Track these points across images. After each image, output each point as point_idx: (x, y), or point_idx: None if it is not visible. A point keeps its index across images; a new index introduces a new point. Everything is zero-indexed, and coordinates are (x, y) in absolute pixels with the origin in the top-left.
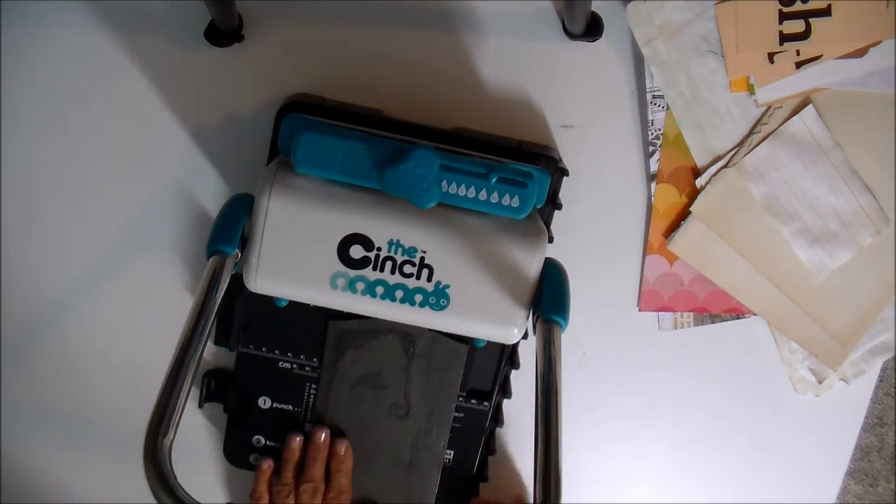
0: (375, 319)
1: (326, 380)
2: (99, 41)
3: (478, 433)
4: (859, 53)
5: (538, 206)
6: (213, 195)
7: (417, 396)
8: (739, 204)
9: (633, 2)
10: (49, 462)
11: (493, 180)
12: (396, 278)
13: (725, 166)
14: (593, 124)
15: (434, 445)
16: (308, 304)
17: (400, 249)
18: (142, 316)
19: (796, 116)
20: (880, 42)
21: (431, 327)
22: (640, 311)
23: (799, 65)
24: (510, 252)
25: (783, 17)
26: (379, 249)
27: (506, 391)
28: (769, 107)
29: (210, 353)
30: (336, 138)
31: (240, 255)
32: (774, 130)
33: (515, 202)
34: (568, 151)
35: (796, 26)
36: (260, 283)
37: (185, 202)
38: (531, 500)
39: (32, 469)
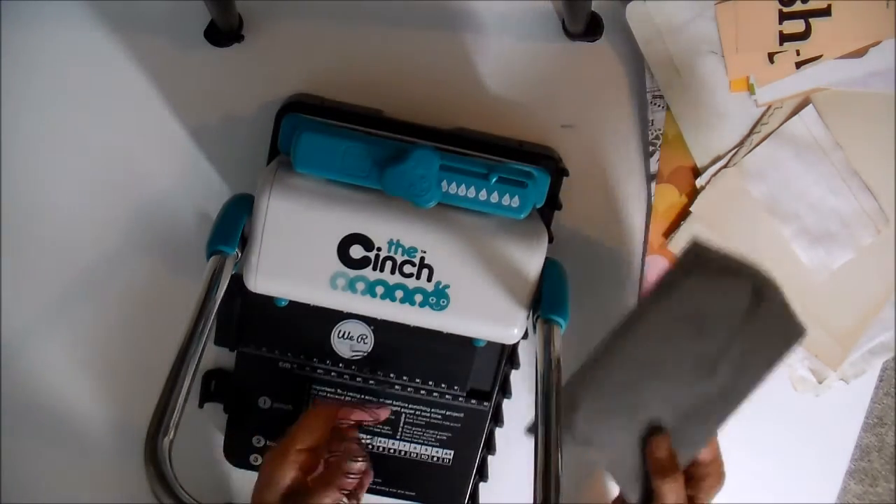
0: (738, 258)
1: (656, 298)
2: (99, 41)
3: (478, 433)
4: (859, 53)
5: (538, 206)
6: (213, 195)
7: (729, 364)
8: (739, 204)
9: (633, 2)
10: (49, 462)
11: (493, 180)
12: (396, 278)
13: (725, 166)
14: (593, 124)
15: (715, 417)
16: (308, 304)
17: (400, 249)
18: (142, 316)
19: (796, 116)
20: (880, 42)
21: (431, 327)
22: None
23: (799, 65)
24: (510, 252)
25: (783, 17)
26: (379, 249)
27: (506, 391)
28: (769, 107)
29: (210, 353)
30: (336, 138)
31: (240, 255)
32: (774, 130)
33: (515, 202)
34: (568, 151)
35: (796, 26)
36: (260, 283)
37: (185, 202)
38: None
39: (32, 469)
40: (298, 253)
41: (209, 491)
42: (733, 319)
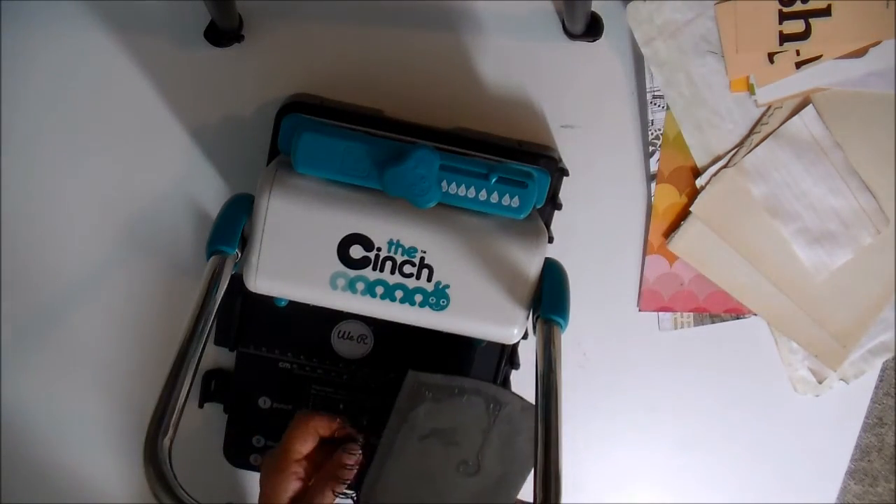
0: (460, 378)
1: (394, 426)
2: (99, 41)
3: None
4: (859, 53)
5: (538, 206)
6: (213, 195)
7: (493, 458)
8: (739, 204)
9: (633, 2)
10: (49, 462)
11: (493, 180)
12: (396, 278)
13: (725, 166)
14: (593, 124)
15: (501, 500)
16: (308, 304)
17: (400, 249)
18: (142, 316)
19: (796, 116)
20: (880, 42)
21: (431, 327)
22: (640, 311)
23: (799, 65)
24: (510, 252)
25: (783, 17)
26: (379, 249)
27: None
28: (769, 107)
29: (210, 353)
30: (336, 138)
31: (240, 255)
32: (774, 130)
33: (515, 202)
34: (568, 151)
35: (796, 26)
36: (260, 283)
37: (185, 202)
38: None
39: (32, 469)
40: (298, 253)
41: (209, 491)
42: (479, 425)
